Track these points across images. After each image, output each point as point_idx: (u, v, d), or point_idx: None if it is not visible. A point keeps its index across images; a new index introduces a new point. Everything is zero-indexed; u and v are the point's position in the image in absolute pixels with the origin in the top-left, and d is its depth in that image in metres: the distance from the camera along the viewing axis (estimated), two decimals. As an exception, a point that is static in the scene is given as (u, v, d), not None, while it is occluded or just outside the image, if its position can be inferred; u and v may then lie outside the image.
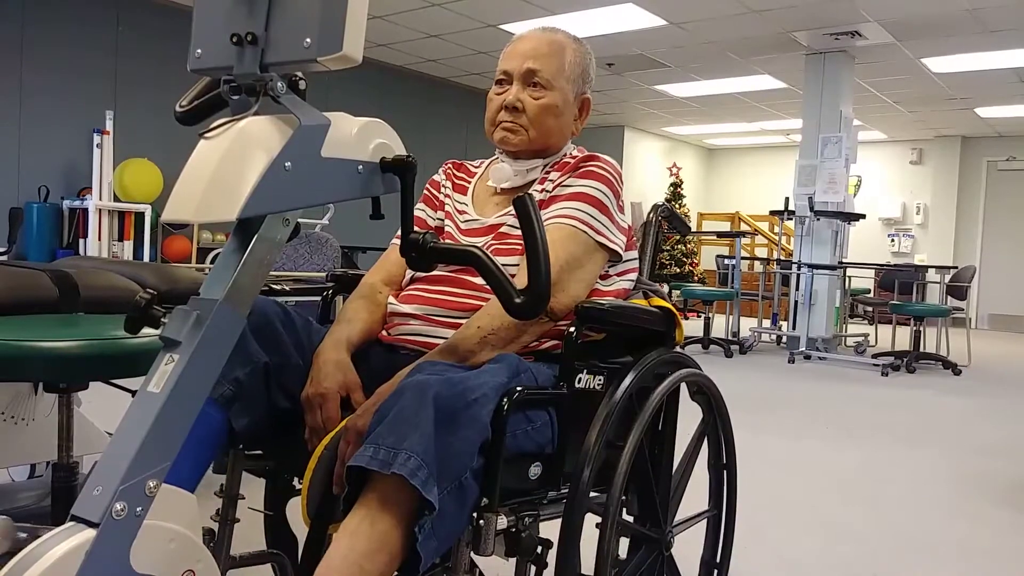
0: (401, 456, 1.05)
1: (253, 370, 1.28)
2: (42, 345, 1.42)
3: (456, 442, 1.09)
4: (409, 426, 1.07)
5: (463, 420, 1.10)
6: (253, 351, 1.29)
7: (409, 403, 1.09)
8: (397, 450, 1.05)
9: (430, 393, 1.09)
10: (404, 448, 1.05)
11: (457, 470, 1.09)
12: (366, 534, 1.05)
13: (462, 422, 1.10)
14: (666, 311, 1.51)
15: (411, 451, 1.05)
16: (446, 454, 1.08)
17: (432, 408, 1.08)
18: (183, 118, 1.15)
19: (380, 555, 1.05)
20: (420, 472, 1.04)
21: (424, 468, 1.05)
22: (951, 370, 6.63)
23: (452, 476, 1.09)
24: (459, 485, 1.10)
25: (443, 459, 1.07)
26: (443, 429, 1.08)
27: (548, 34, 1.54)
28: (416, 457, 1.05)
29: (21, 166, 6.51)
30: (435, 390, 1.09)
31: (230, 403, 1.25)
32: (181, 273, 2.19)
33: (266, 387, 1.30)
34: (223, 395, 1.24)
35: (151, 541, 0.92)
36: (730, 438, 1.67)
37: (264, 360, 1.30)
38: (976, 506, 2.91)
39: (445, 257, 1.12)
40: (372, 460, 1.05)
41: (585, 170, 1.48)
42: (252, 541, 1.55)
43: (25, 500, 2.17)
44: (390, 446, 1.06)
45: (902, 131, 11.88)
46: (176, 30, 7.07)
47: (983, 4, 6.32)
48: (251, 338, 1.29)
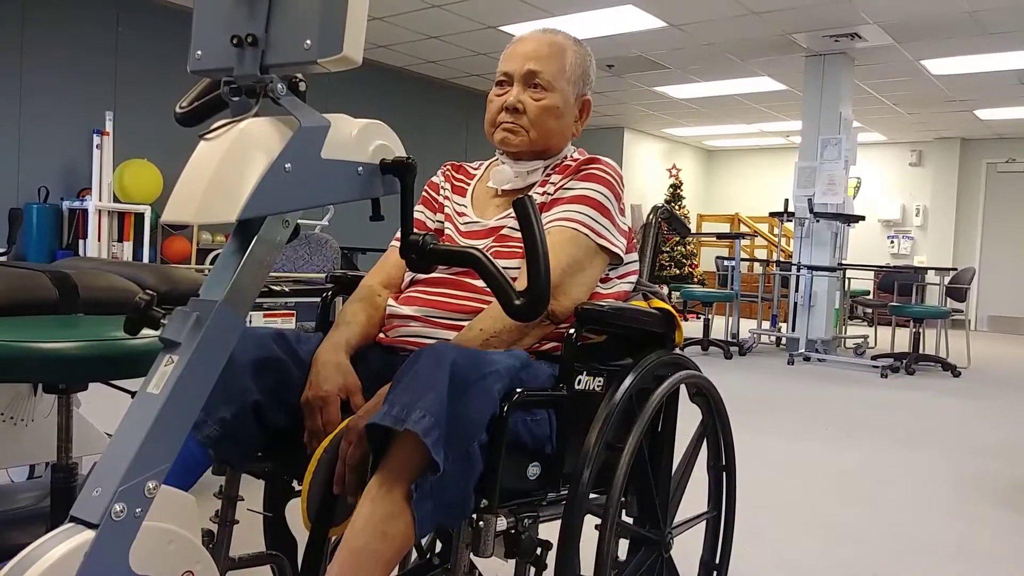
0: (415, 413, 1.08)
1: (241, 410, 1.26)
2: (41, 346, 1.42)
3: (469, 410, 1.12)
4: (425, 387, 1.10)
5: (476, 389, 1.13)
6: (242, 389, 1.26)
7: (426, 366, 1.12)
8: (411, 408, 1.08)
9: (448, 359, 1.12)
10: (419, 406, 1.08)
11: (466, 438, 1.12)
12: (385, 500, 1.10)
13: (475, 391, 1.13)
14: (666, 313, 1.51)
15: (425, 409, 1.08)
16: (457, 419, 1.10)
17: (448, 373, 1.11)
18: (183, 119, 1.15)
19: (399, 520, 1.09)
20: (433, 432, 1.07)
21: (436, 429, 1.08)
22: (950, 372, 6.63)
23: (460, 443, 1.11)
24: (466, 454, 1.12)
25: (454, 424, 1.10)
26: (456, 395, 1.11)
27: (549, 35, 1.54)
28: (430, 416, 1.08)
29: (21, 167, 6.51)
30: (452, 357, 1.13)
31: (216, 443, 1.24)
32: (181, 274, 2.19)
33: (257, 422, 1.29)
34: (208, 436, 1.23)
35: (150, 542, 0.92)
36: (729, 439, 1.67)
37: (254, 399, 1.27)
38: (975, 507, 2.91)
39: (445, 259, 1.13)
40: (386, 416, 1.09)
41: (586, 173, 1.49)
42: (251, 542, 1.54)
43: (24, 501, 2.17)
44: (405, 404, 1.09)
45: (902, 133, 11.89)
46: (176, 31, 7.07)
47: (982, 6, 6.33)
48: (244, 374, 1.27)
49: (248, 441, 1.29)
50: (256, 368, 1.29)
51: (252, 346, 1.30)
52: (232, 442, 1.26)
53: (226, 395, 1.24)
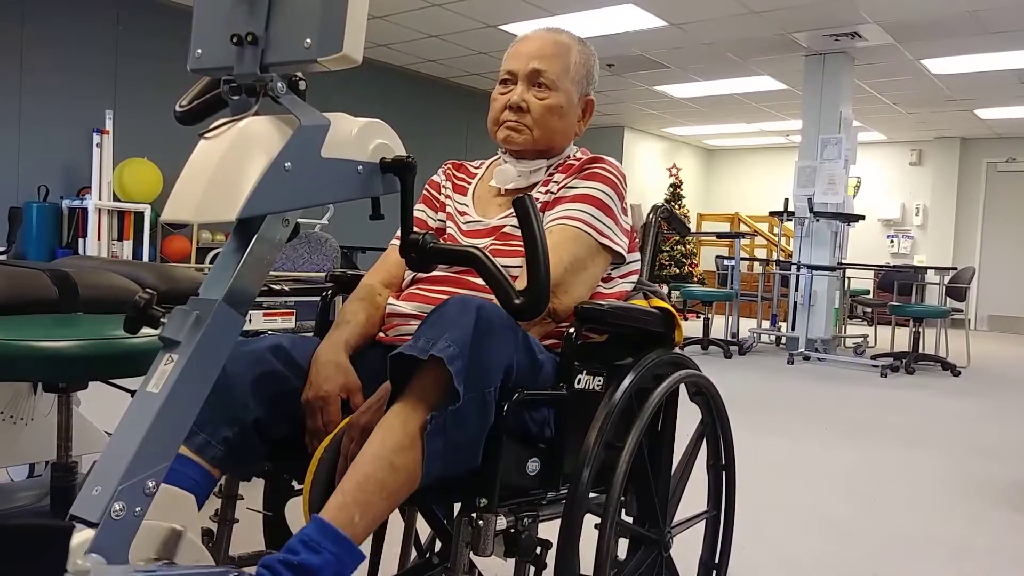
0: (441, 343, 1.11)
1: (242, 428, 1.25)
2: (41, 345, 1.42)
3: (489, 354, 1.15)
4: (451, 323, 1.13)
5: (498, 338, 1.16)
6: (240, 407, 1.26)
7: (454, 306, 1.16)
8: (437, 339, 1.11)
9: (474, 303, 1.16)
10: (445, 337, 1.11)
11: (484, 381, 1.14)
12: (399, 430, 1.11)
13: (497, 339, 1.16)
14: (665, 312, 1.51)
15: (451, 340, 1.11)
16: (478, 360, 1.13)
17: (475, 315, 1.14)
18: (183, 118, 1.14)
19: (411, 452, 1.11)
20: (456, 361, 1.10)
21: (460, 359, 1.10)
22: (950, 371, 6.63)
23: (478, 385, 1.13)
24: (482, 398, 1.14)
25: (474, 363, 1.12)
26: (480, 336, 1.14)
27: (553, 34, 1.54)
28: (455, 346, 1.11)
29: (21, 165, 6.51)
30: (479, 302, 1.16)
31: (223, 462, 1.24)
32: (180, 273, 2.19)
33: (260, 438, 1.28)
34: (214, 457, 1.22)
35: (150, 541, 0.92)
36: (729, 439, 1.67)
37: (254, 416, 1.27)
38: (975, 507, 2.91)
39: (445, 258, 1.13)
40: (412, 348, 1.12)
41: (589, 172, 1.49)
42: (251, 541, 1.54)
43: (24, 500, 2.17)
44: (430, 337, 1.12)
45: (902, 132, 11.89)
46: (176, 30, 7.07)
47: (983, 5, 6.33)
48: (240, 393, 1.26)
49: (252, 457, 1.29)
50: (255, 385, 1.28)
51: (249, 363, 1.29)
52: (237, 460, 1.26)
53: (226, 415, 1.23)
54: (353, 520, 1.07)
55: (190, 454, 1.20)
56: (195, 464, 1.20)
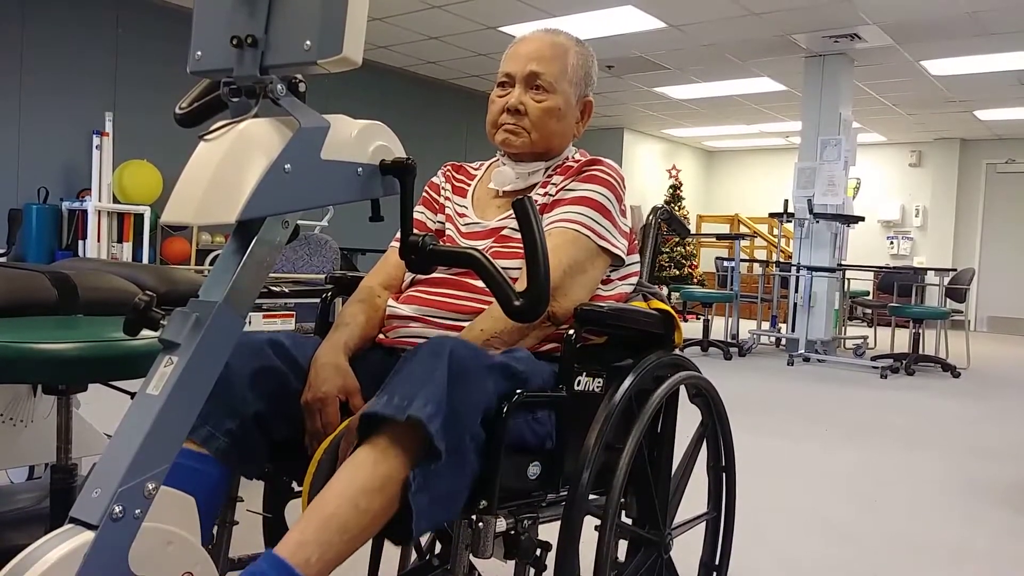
0: (418, 401, 1.07)
1: (243, 421, 1.25)
2: (41, 347, 1.41)
3: (465, 402, 1.12)
4: (425, 379, 1.10)
5: (474, 382, 1.13)
6: (241, 400, 1.25)
7: (425, 357, 1.12)
8: (413, 397, 1.08)
9: (446, 349, 1.12)
10: (421, 395, 1.08)
11: (459, 430, 1.11)
12: (368, 472, 1.07)
13: (472, 384, 1.13)
14: (665, 313, 1.51)
15: (427, 398, 1.07)
16: (454, 407, 1.10)
17: (447, 363, 1.11)
18: (183, 120, 1.15)
19: (378, 496, 1.06)
20: (435, 420, 1.07)
21: (439, 416, 1.07)
22: (950, 372, 6.63)
23: (455, 435, 1.10)
24: (457, 446, 1.11)
25: (451, 413, 1.09)
26: (455, 385, 1.10)
27: (551, 36, 1.54)
28: (432, 404, 1.07)
29: (20, 167, 6.51)
30: (450, 346, 1.13)
31: (228, 455, 1.23)
32: (180, 275, 2.18)
33: (261, 432, 1.28)
34: (219, 449, 1.22)
35: (150, 543, 0.92)
36: (729, 440, 1.67)
37: (254, 410, 1.26)
38: (975, 508, 2.91)
39: (444, 260, 1.13)
40: (387, 406, 1.07)
41: (588, 174, 1.49)
42: (251, 543, 1.54)
43: (23, 502, 2.16)
44: (405, 394, 1.08)
45: (901, 133, 11.89)
46: (176, 32, 7.07)
47: (982, 7, 6.33)
48: (239, 386, 1.26)
49: (255, 450, 1.29)
50: (254, 379, 1.28)
51: (249, 356, 1.29)
52: (240, 453, 1.25)
53: (228, 408, 1.23)
54: (309, 560, 1.01)
55: (197, 447, 1.20)
56: (208, 457, 1.21)
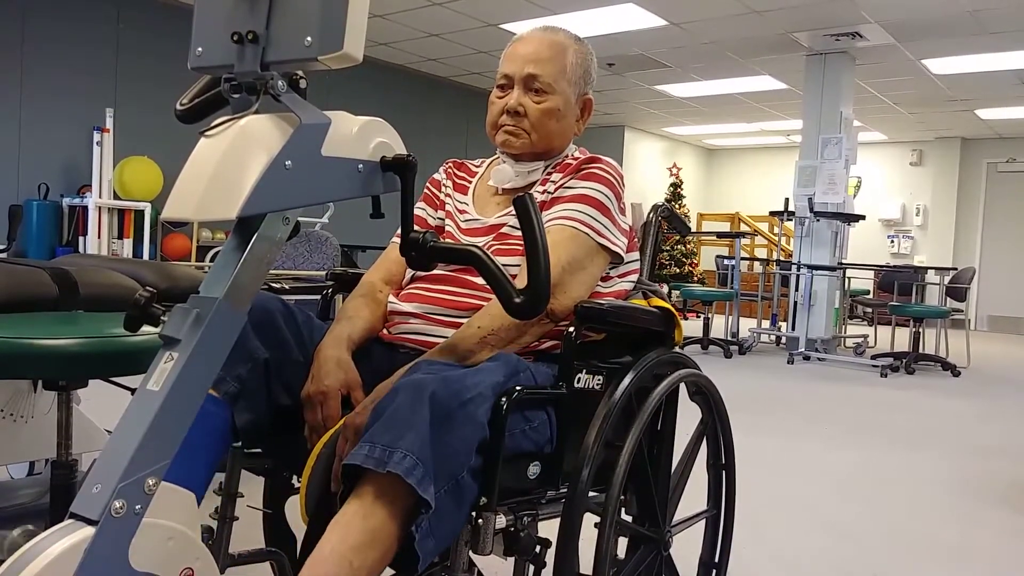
0: (397, 455, 1.04)
1: (254, 366, 1.28)
2: (41, 343, 1.42)
3: (453, 441, 1.09)
4: (405, 425, 1.07)
5: (459, 419, 1.10)
6: (253, 347, 1.29)
7: (405, 402, 1.09)
8: (393, 449, 1.05)
9: (426, 392, 1.09)
10: (400, 447, 1.05)
11: (454, 469, 1.09)
12: (358, 528, 1.05)
13: (458, 421, 1.10)
14: (665, 311, 1.51)
15: (407, 450, 1.05)
16: (443, 453, 1.07)
17: (428, 407, 1.08)
18: (183, 116, 1.14)
19: (371, 550, 1.05)
20: (416, 471, 1.04)
21: (420, 467, 1.05)
22: (950, 371, 6.63)
23: (449, 475, 1.09)
24: (456, 484, 1.10)
25: (440, 458, 1.07)
26: (439, 428, 1.08)
27: (549, 35, 1.53)
28: (412, 456, 1.05)
29: (21, 163, 6.51)
30: (431, 389, 1.09)
31: (235, 400, 1.26)
32: (181, 271, 2.19)
33: (267, 383, 1.30)
34: (228, 392, 1.25)
35: (150, 539, 0.92)
36: (729, 438, 1.67)
37: (264, 356, 1.30)
38: (974, 507, 2.91)
39: (445, 256, 1.12)
40: (368, 459, 1.05)
41: (587, 172, 1.48)
42: (251, 539, 1.55)
43: (24, 498, 2.17)
44: (386, 444, 1.06)
45: (902, 132, 11.88)
46: (177, 28, 7.07)
47: (983, 6, 6.33)
48: (252, 334, 1.29)
49: (260, 403, 1.29)
50: (261, 331, 1.31)
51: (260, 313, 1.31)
52: (247, 401, 1.27)
53: (239, 353, 1.24)
54: None
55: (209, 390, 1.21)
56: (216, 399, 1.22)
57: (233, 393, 1.25)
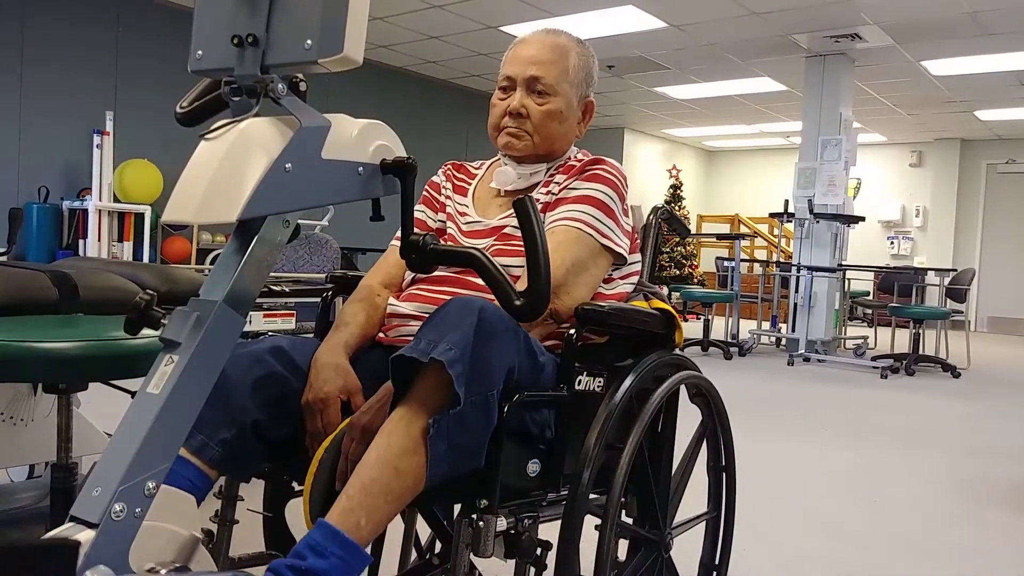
0: (442, 346, 1.11)
1: (241, 431, 1.25)
2: (41, 346, 1.41)
3: (491, 356, 1.14)
4: (452, 326, 1.13)
5: (501, 338, 1.16)
6: (239, 408, 1.25)
7: (456, 307, 1.16)
8: (438, 341, 1.11)
9: (477, 305, 1.16)
10: (446, 339, 1.11)
11: (486, 384, 1.14)
12: (402, 434, 1.11)
13: (500, 339, 1.16)
14: (666, 313, 1.51)
15: (452, 343, 1.11)
16: (480, 362, 1.13)
17: (476, 316, 1.14)
18: (183, 119, 1.15)
19: (414, 456, 1.11)
20: (457, 365, 1.10)
21: (461, 363, 1.10)
22: (950, 373, 6.63)
23: (481, 387, 1.13)
24: (485, 400, 1.14)
25: (476, 365, 1.12)
26: (481, 339, 1.13)
27: (551, 37, 1.53)
28: (456, 349, 1.10)
29: (21, 166, 6.51)
30: (481, 304, 1.16)
31: (221, 463, 1.23)
32: (181, 274, 2.18)
33: (259, 440, 1.28)
34: (212, 458, 1.22)
35: (150, 542, 0.92)
36: (729, 440, 1.67)
37: (253, 418, 1.26)
38: (975, 508, 2.91)
39: (445, 259, 1.13)
40: (412, 350, 1.11)
41: (591, 173, 1.49)
42: (251, 543, 1.54)
43: (24, 501, 2.16)
44: (431, 339, 1.12)
45: (902, 134, 11.89)
46: (177, 30, 7.07)
47: (982, 7, 6.33)
48: (238, 391, 1.26)
49: (251, 458, 1.29)
50: (254, 387, 1.28)
51: (248, 365, 1.28)
52: (235, 462, 1.26)
53: (226, 417, 1.23)
54: (359, 524, 1.07)
55: (188, 455, 1.20)
56: (192, 465, 1.20)
57: (217, 458, 1.23)
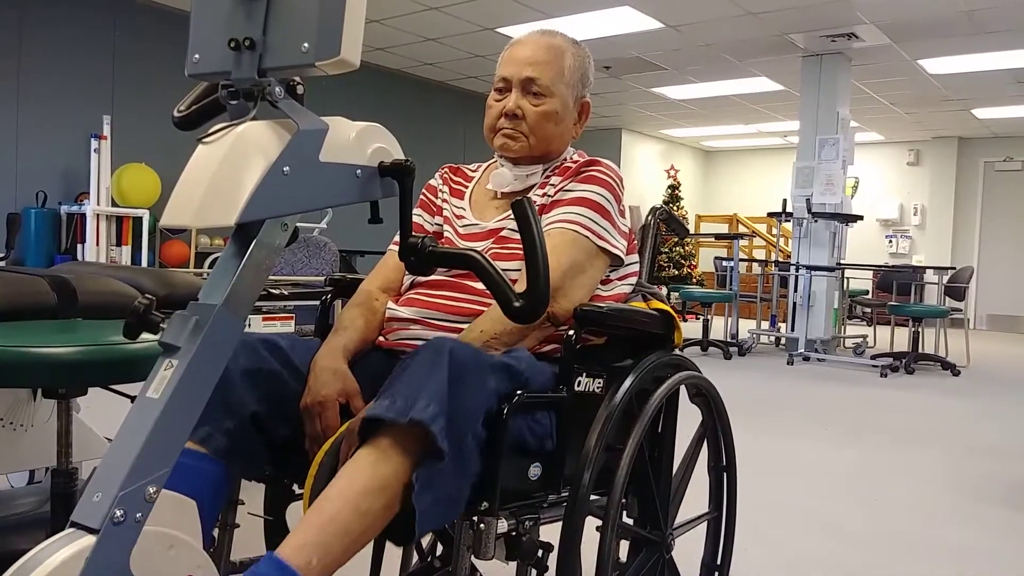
0: (420, 403, 1.07)
1: (241, 421, 1.25)
2: (41, 351, 1.41)
3: (465, 402, 1.12)
4: (426, 377, 1.10)
5: (474, 382, 1.13)
6: (238, 402, 1.25)
7: (425, 358, 1.13)
8: (415, 399, 1.08)
9: (446, 349, 1.13)
10: (422, 396, 1.08)
11: (462, 430, 1.11)
12: (368, 473, 1.07)
13: (472, 384, 1.13)
14: (665, 314, 1.51)
15: (429, 399, 1.08)
16: (457, 407, 1.10)
17: (447, 365, 1.11)
18: (181, 123, 1.14)
19: (378, 497, 1.07)
20: (439, 419, 1.07)
21: (442, 416, 1.07)
22: (950, 371, 6.63)
23: (456, 435, 1.10)
24: (459, 447, 1.11)
25: (454, 414, 1.10)
26: (456, 384, 1.11)
27: (546, 38, 1.54)
28: (434, 404, 1.07)
29: (19, 171, 6.50)
30: (451, 347, 1.13)
31: (228, 454, 1.23)
32: (179, 278, 2.19)
33: (259, 432, 1.28)
34: (218, 448, 1.22)
35: (151, 547, 0.92)
36: (730, 440, 1.67)
37: (252, 410, 1.26)
38: (975, 507, 2.91)
39: (443, 261, 1.12)
40: (389, 409, 1.08)
41: (587, 174, 1.49)
42: (252, 546, 1.54)
43: (24, 506, 2.16)
44: (407, 396, 1.08)
45: (899, 132, 11.90)
46: (173, 35, 7.07)
47: (979, 5, 6.34)
48: (237, 385, 1.26)
49: (253, 451, 1.29)
50: (251, 379, 1.28)
51: (244, 357, 1.28)
52: (239, 453, 1.25)
53: (226, 408, 1.23)
54: (310, 563, 1.01)
55: (196, 446, 1.20)
56: (207, 456, 1.21)
57: (224, 448, 1.23)
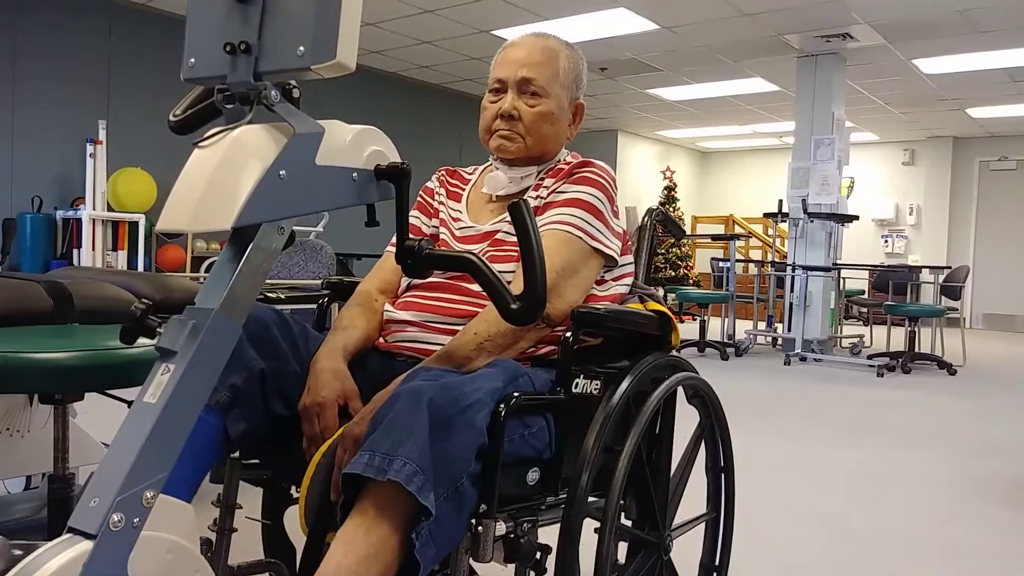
0: (397, 463, 1.04)
1: (249, 376, 1.28)
2: (37, 356, 1.41)
3: (452, 447, 1.09)
4: (404, 432, 1.07)
5: (458, 425, 1.10)
6: (249, 357, 1.28)
7: (404, 409, 1.09)
8: (392, 456, 1.05)
9: (424, 399, 1.09)
10: (400, 455, 1.05)
11: (453, 475, 1.09)
12: (362, 541, 1.05)
13: (457, 427, 1.10)
14: (662, 315, 1.51)
15: (407, 457, 1.05)
16: (442, 459, 1.07)
17: (427, 414, 1.08)
18: (177, 127, 1.14)
19: (375, 562, 1.05)
20: (416, 478, 1.04)
21: (420, 474, 1.05)
22: (946, 370, 6.65)
23: (449, 481, 1.09)
24: (456, 491, 1.10)
25: (439, 465, 1.07)
26: (438, 434, 1.08)
27: (541, 40, 1.54)
28: (412, 463, 1.04)
29: (14, 177, 6.49)
30: (429, 395, 1.09)
31: (227, 409, 1.25)
32: (176, 282, 2.18)
33: (263, 393, 1.30)
34: (219, 401, 1.24)
35: (149, 552, 0.92)
36: (727, 441, 1.67)
37: (260, 367, 1.29)
38: (973, 506, 2.91)
39: (440, 263, 1.12)
40: (368, 467, 1.05)
41: (579, 176, 1.49)
42: (250, 550, 1.54)
43: (21, 512, 2.16)
44: (385, 452, 1.05)
45: (894, 132, 11.92)
46: (169, 39, 7.06)
47: (973, 5, 6.36)
48: (247, 345, 1.29)
49: (255, 412, 1.29)
50: (257, 342, 1.30)
51: (255, 324, 1.31)
52: (241, 410, 1.26)
53: (234, 363, 1.23)
54: None
55: None
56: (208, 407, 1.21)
57: (225, 402, 1.25)
